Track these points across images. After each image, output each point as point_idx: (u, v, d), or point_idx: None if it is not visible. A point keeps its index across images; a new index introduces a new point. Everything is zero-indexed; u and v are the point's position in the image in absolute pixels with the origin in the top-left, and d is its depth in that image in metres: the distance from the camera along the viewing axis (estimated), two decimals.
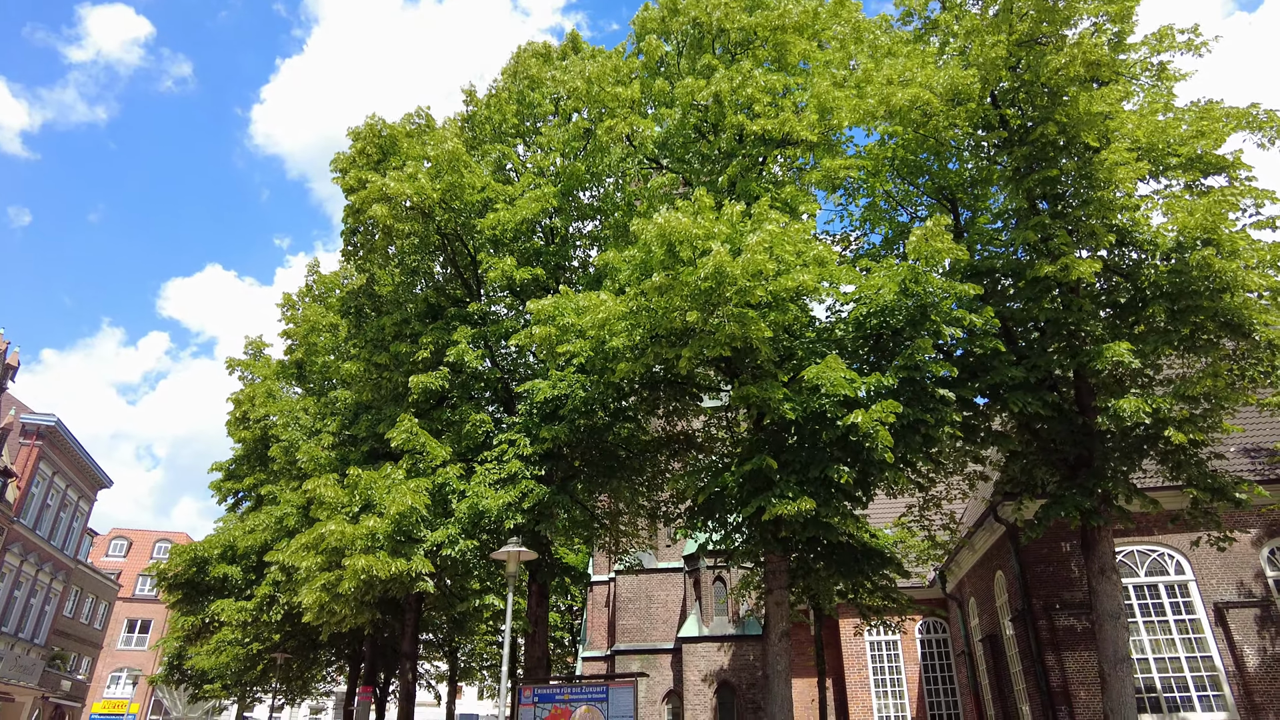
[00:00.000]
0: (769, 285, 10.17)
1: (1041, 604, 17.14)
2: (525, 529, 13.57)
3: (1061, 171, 12.00)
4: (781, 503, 10.73)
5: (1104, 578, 12.90)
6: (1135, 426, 12.38)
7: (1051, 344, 13.19)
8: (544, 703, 13.62)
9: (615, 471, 14.68)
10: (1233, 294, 11.14)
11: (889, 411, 10.46)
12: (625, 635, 27.49)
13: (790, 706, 13.36)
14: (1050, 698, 16.43)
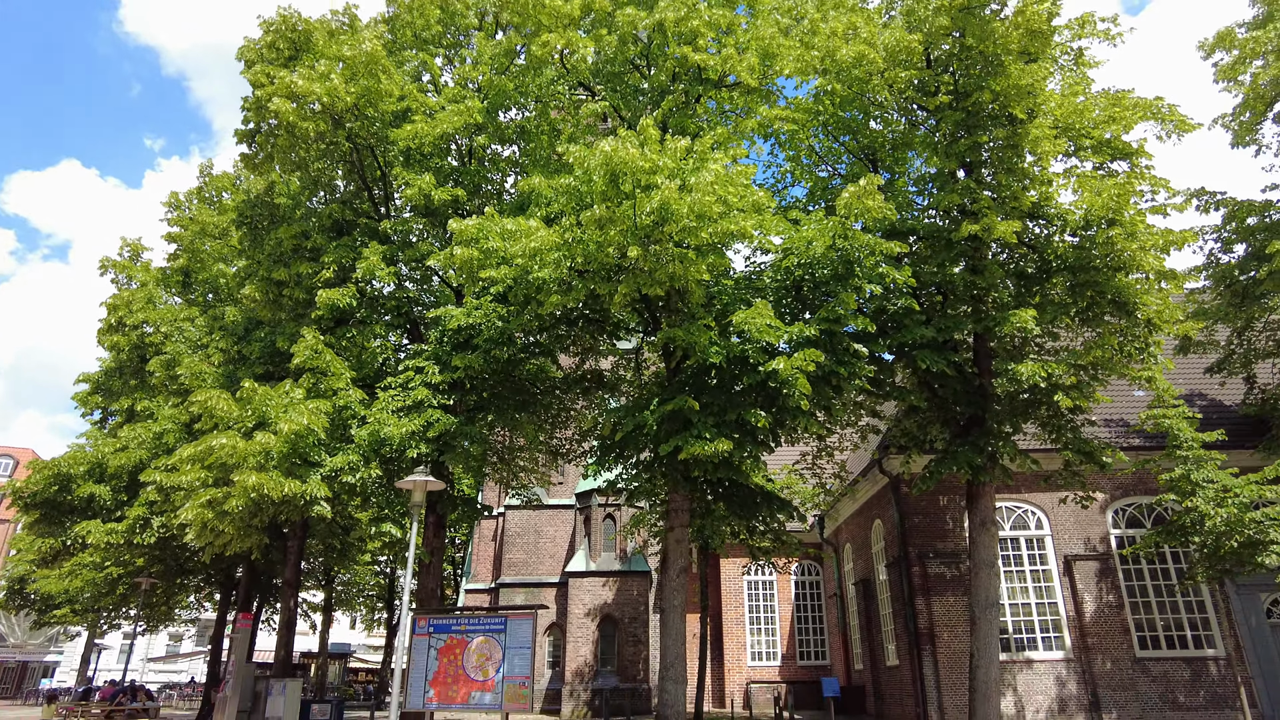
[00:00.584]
0: (712, 228, 10.05)
1: (916, 552, 18.28)
2: (429, 459, 13.16)
3: (990, 139, 12.38)
4: (699, 443, 10.81)
5: (984, 530, 13.84)
6: (1027, 390, 13.19)
7: (956, 307, 13.78)
8: (439, 633, 13.44)
9: (525, 406, 14.41)
10: (1127, 272, 11.93)
11: (810, 360, 10.66)
12: (511, 569, 27.54)
13: (683, 639, 13.73)
14: (917, 638, 17.66)
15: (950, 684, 17.16)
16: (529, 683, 12.90)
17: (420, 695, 12.98)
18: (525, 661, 12.97)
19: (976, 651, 13.39)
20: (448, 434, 13.15)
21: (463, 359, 12.80)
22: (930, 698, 17.12)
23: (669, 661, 13.42)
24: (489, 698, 12.75)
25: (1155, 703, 16.95)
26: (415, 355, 13.87)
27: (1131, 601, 17.88)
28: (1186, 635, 17.55)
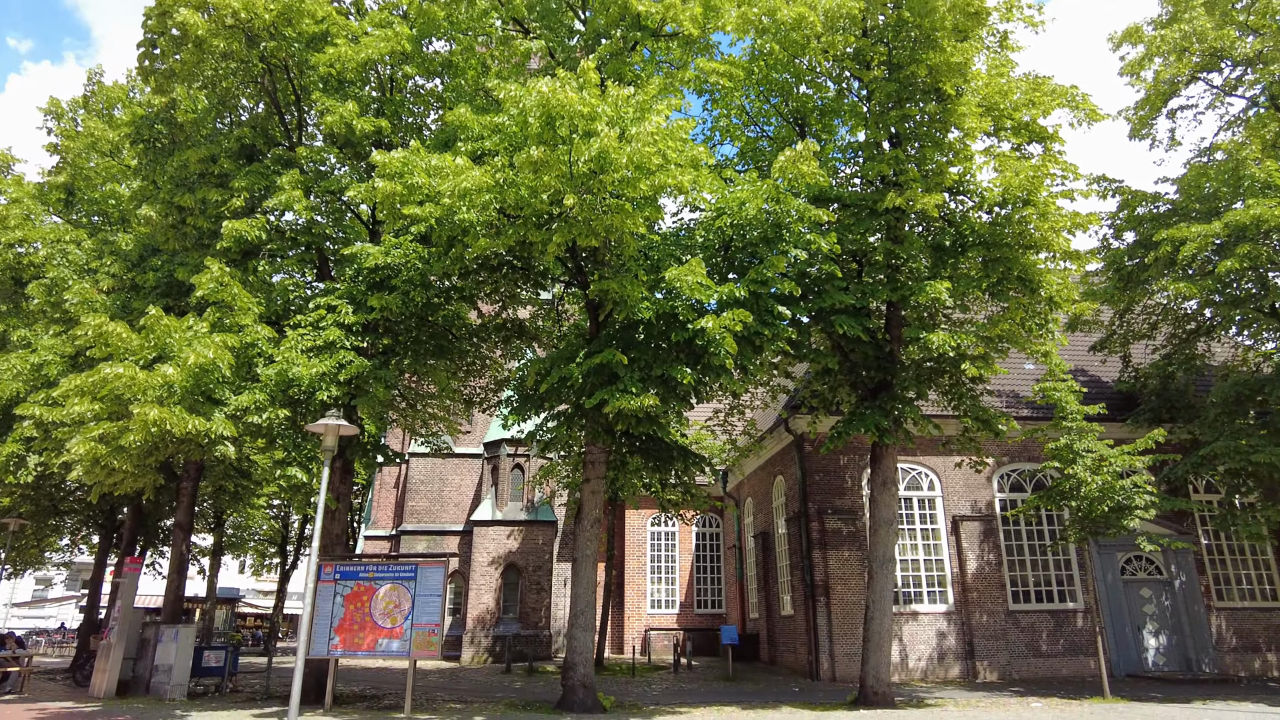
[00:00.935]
0: (650, 180, 9.93)
1: (816, 508, 19.05)
2: (340, 403, 12.68)
3: (920, 113, 12.67)
4: (626, 397, 10.83)
5: (885, 489, 14.51)
6: (935, 359, 13.80)
7: (873, 275, 14.21)
8: (346, 579, 13.12)
9: (441, 352, 14.03)
10: (1036, 251, 12.56)
11: (738, 321, 10.79)
12: (414, 516, 27.14)
13: (594, 587, 13.92)
14: (813, 589, 18.51)
15: (841, 633, 18.12)
16: (438, 630, 12.80)
17: (325, 642, 12.69)
18: (435, 609, 12.84)
19: (872, 603, 14.14)
20: (360, 377, 12.69)
21: (380, 300, 12.31)
22: (823, 645, 18.04)
23: (580, 609, 13.60)
24: (397, 645, 12.60)
25: (1022, 651, 18.42)
26: (327, 294, 13.24)
27: (1009, 560, 19.25)
28: (1053, 590, 19.08)
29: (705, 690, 16.19)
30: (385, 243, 12.95)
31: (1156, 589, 19.16)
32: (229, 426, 11.00)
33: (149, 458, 10.98)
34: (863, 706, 13.36)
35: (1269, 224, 13.57)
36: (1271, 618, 19.28)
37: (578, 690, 13.08)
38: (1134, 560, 19.26)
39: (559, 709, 12.90)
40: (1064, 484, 15.05)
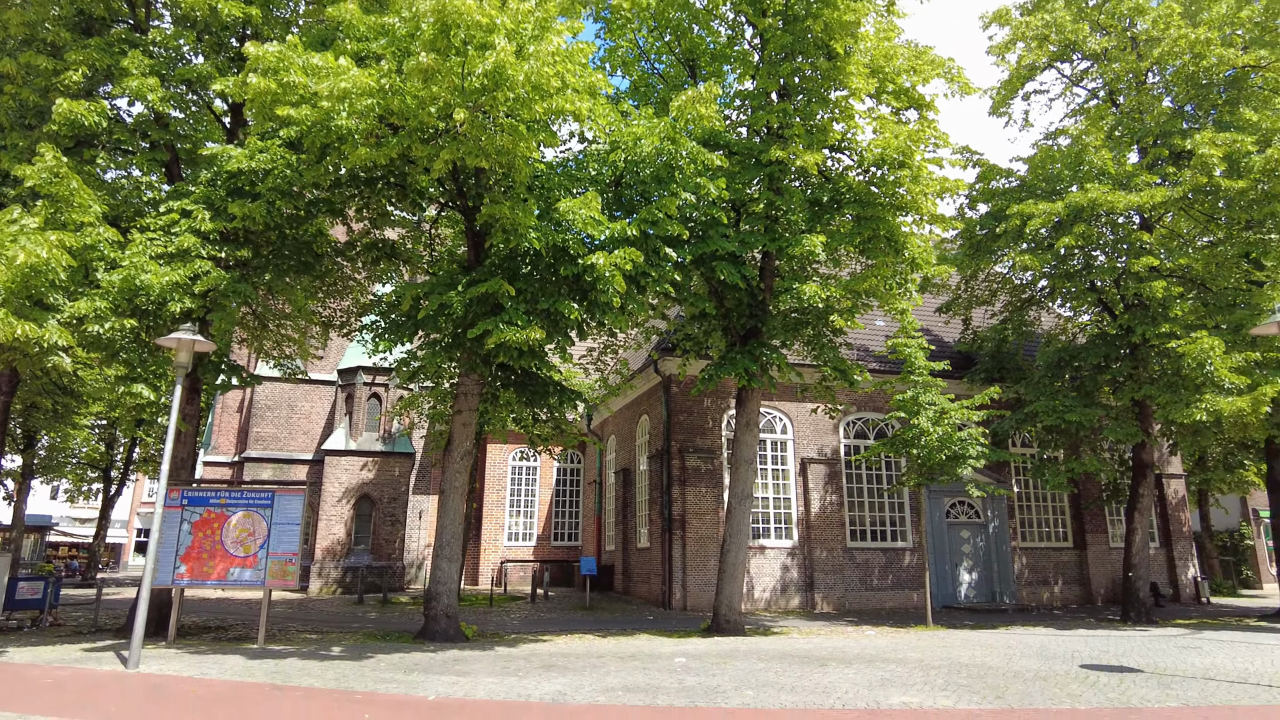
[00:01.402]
0: (547, 103, 9.60)
1: (679, 446, 19.67)
2: (194, 316, 11.66)
3: (812, 67, 12.92)
4: (511, 330, 10.64)
5: (748, 430, 15.17)
6: (804, 309, 14.41)
7: (753, 224, 14.56)
8: (194, 506, 12.26)
9: (305, 269, 13.14)
10: (906, 213, 13.28)
11: (629, 259, 10.79)
12: (259, 443, 25.69)
13: (461, 519, 13.82)
14: (670, 523, 19.22)
15: (695, 565, 18.99)
16: (296, 559, 12.31)
17: (170, 571, 11.89)
18: (293, 538, 12.31)
19: (729, 537, 14.88)
20: (218, 291, 11.71)
21: (242, 208, 11.31)
22: (676, 576, 18.86)
23: (445, 540, 13.47)
24: (250, 574, 12.00)
25: (856, 584, 20.06)
26: (180, 196, 12.03)
27: (849, 501, 20.75)
28: (886, 530, 20.80)
29: (564, 619, 16.58)
30: (250, 146, 11.86)
31: (974, 530, 21.31)
32: (65, 335, 9.87)
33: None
34: (715, 634, 14.13)
35: (1102, 207, 14.99)
36: (1060, 556, 21.99)
37: (440, 620, 13.04)
38: (957, 505, 21.29)
39: (421, 638, 12.82)
40: (907, 433, 16.28)
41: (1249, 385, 14.24)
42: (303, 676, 9.01)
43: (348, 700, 7.78)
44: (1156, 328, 15.10)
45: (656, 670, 9.76)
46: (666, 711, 7.34)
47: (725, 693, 8.27)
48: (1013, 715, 7.16)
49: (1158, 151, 15.79)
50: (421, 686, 8.48)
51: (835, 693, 8.31)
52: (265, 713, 7.12)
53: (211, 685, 8.48)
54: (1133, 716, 7.18)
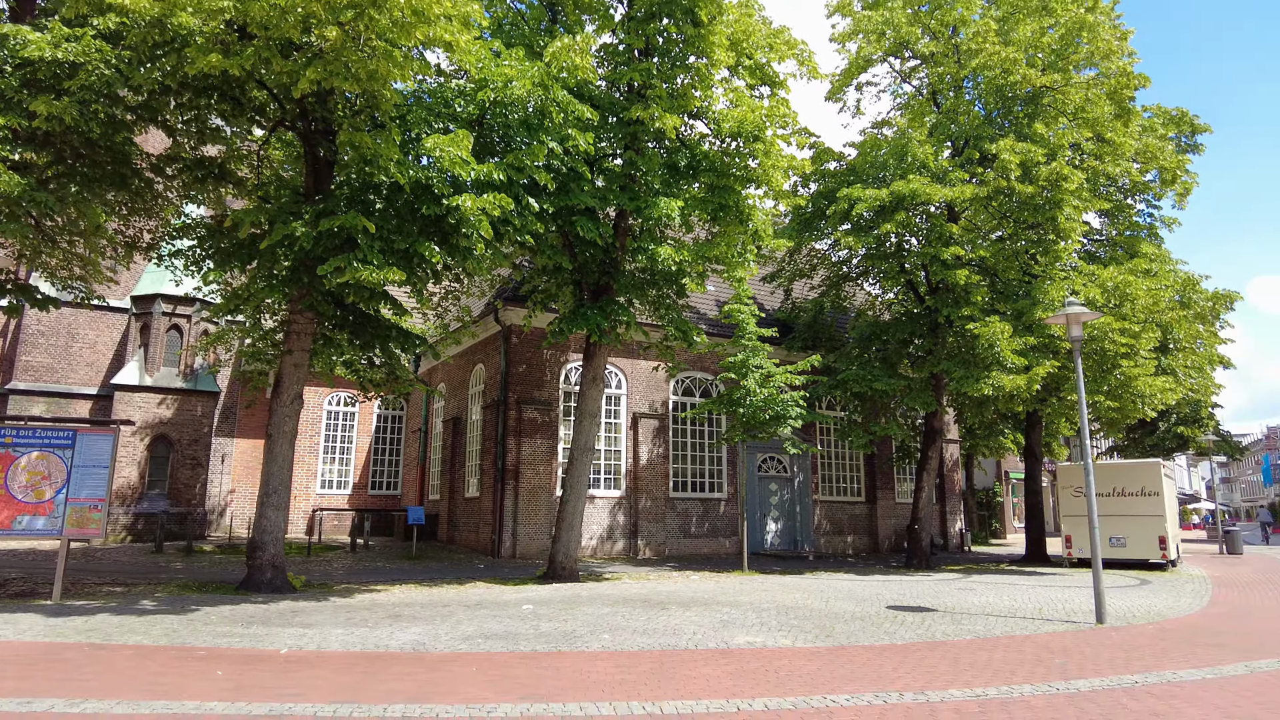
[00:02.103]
0: (426, 29, 9.09)
1: (516, 397, 19.66)
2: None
3: (678, 30, 13.10)
4: (367, 269, 10.12)
5: (594, 385, 15.47)
6: (655, 270, 14.79)
7: (611, 182, 14.66)
8: None
9: (120, 182, 11.61)
10: (756, 185, 13.94)
11: (497, 205, 10.59)
12: (30, 374, 22.55)
13: (290, 466, 13.11)
14: (504, 473, 19.25)
15: (526, 515, 19.21)
16: (102, 505, 11.09)
17: None
18: (100, 483, 11.05)
19: (569, 487, 15.19)
20: (11, 198, 10.13)
21: (48, 105, 9.79)
22: (507, 525, 19.00)
23: (273, 487, 12.73)
24: (43, 522, 10.67)
25: (675, 532, 21.19)
26: None
27: (673, 454, 21.77)
28: (705, 482, 22.08)
29: (392, 569, 16.22)
30: (54, 31, 10.24)
31: (781, 484, 23.13)
32: None
33: None
34: (552, 580, 14.47)
35: (920, 198, 16.57)
36: (854, 509, 24.45)
37: (267, 570, 12.37)
38: (768, 460, 22.98)
39: (245, 589, 12.10)
40: (735, 393, 17.31)
41: (1025, 366, 16.50)
42: (125, 634, 8.28)
43: (189, 656, 7.28)
44: (958, 310, 17.02)
45: (507, 617, 9.91)
46: (535, 657, 7.54)
47: (582, 637, 8.60)
48: (846, 652, 8.05)
49: (970, 153, 17.63)
50: (266, 639, 8.09)
51: (684, 634, 8.90)
52: (98, 674, 6.52)
53: (14, 647, 7.59)
54: (941, 648, 8.32)
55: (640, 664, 7.29)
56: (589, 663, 7.31)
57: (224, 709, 5.47)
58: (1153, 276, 18.69)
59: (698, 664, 7.32)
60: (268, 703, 5.64)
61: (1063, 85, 17.58)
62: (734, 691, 6.24)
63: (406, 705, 5.65)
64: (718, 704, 5.84)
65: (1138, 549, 18.09)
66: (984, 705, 5.97)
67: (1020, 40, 17.55)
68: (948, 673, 7.08)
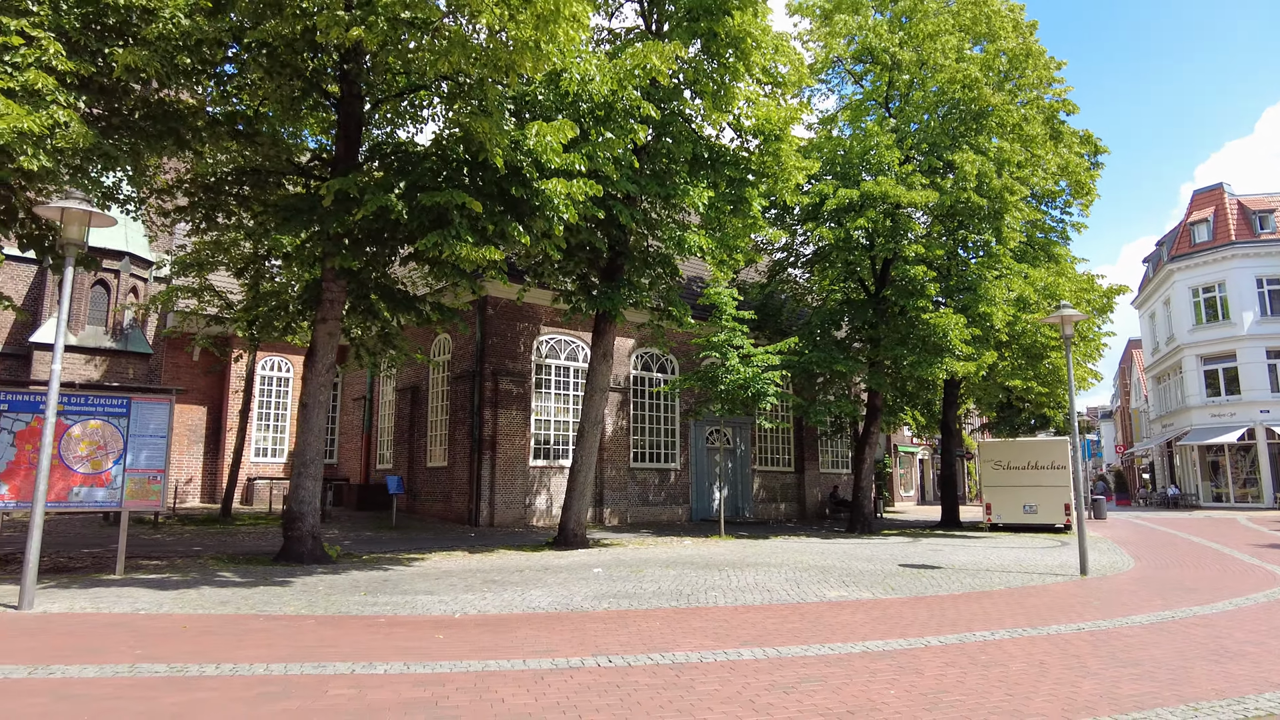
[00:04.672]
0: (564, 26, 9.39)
1: (491, 369, 19.87)
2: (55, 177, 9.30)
3: (725, 30, 13.82)
4: (465, 245, 10.34)
5: (605, 360, 16.12)
6: (653, 254, 15.67)
7: (643, 170, 15.24)
8: (17, 412, 9.85)
9: (175, 138, 10.93)
10: (775, 180, 15.00)
11: (584, 190, 11.07)
12: None
13: (324, 435, 13.07)
14: (480, 444, 19.49)
15: (503, 485, 19.59)
16: (161, 476, 10.66)
17: None
18: (158, 452, 10.62)
19: (579, 458, 15.83)
20: (79, 149, 9.50)
21: (133, 55, 9.25)
22: (484, 495, 19.30)
23: (309, 458, 12.65)
24: (102, 494, 10.14)
25: (637, 500, 22.21)
26: (19, 13, 9.39)
27: (634, 426, 22.70)
28: (661, 453, 23.19)
29: (387, 539, 16.20)
30: None
31: (725, 455, 24.64)
32: None
33: None
34: (565, 546, 15.12)
35: (891, 199, 18.27)
36: (785, 479, 26.42)
37: (306, 540, 12.31)
38: (713, 433, 24.40)
39: (284, 560, 12.02)
40: (717, 370, 18.47)
41: (971, 354, 18.71)
42: (261, 605, 8.35)
43: (362, 623, 7.57)
44: (914, 301, 18.95)
45: (595, 580, 10.61)
46: (697, 612, 8.38)
47: (696, 595, 9.49)
48: (927, 601, 9.43)
49: (930, 161, 19.53)
50: (405, 606, 8.44)
51: (774, 590, 9.99)
52: (276, 640, 6.75)
53: (159, 620, 7.55)
54: (994, 597, 9.90)
55: (787, 615, 8.32)
56: (753, 615, 8.24)
57: (556, 663, 6.01)
58: (1066, 277, 21.56)
59: (832, 614, 8.44)
60: (578, 656, 6.22)
61: (1009, 104, 19.78)
62: (889, 633, 7.44)
63: (702, 653, 6.40)
64: (903, 642, 6.98)
65: (1047, 515, 21.08)
66: (1112, 632, 7.47)
67: (977, 60, 19.56)
68: (1033, 612, 8.59)
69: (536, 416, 20.67)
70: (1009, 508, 21.86)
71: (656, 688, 5.52)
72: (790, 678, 5.86)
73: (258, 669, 5.76)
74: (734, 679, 5.80)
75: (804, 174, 15.04)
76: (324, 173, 13.51)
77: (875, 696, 5.43)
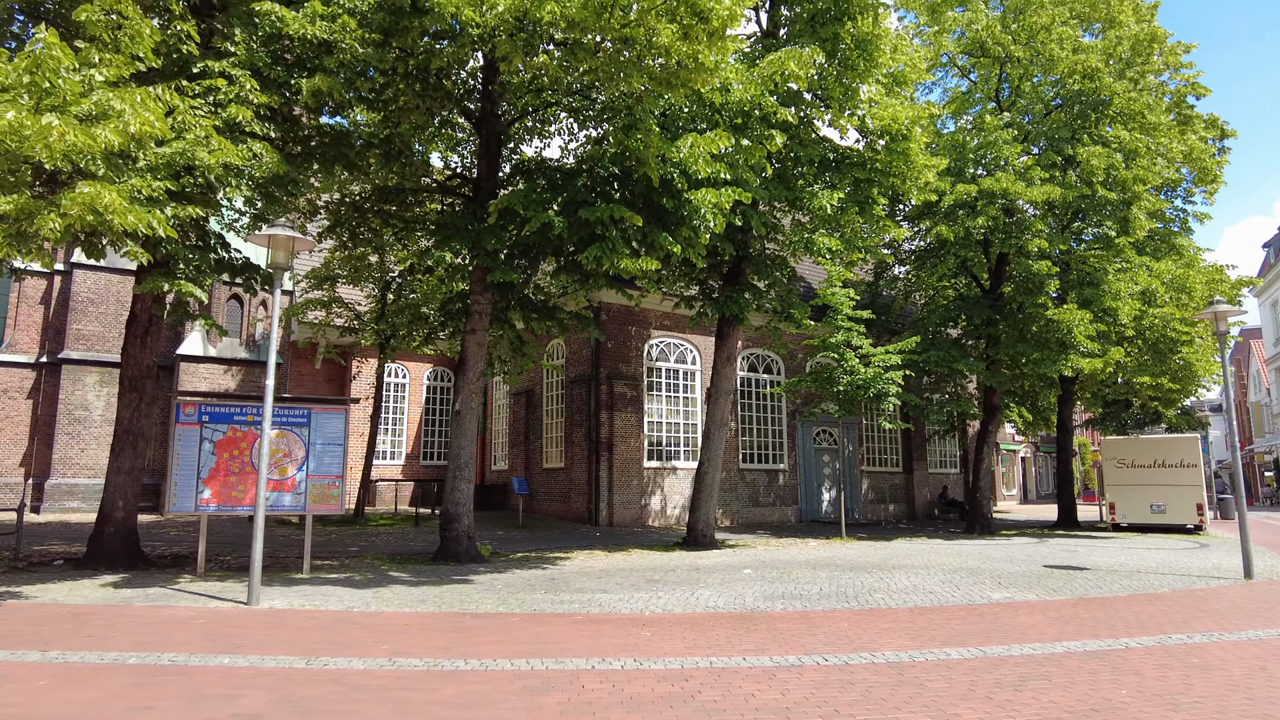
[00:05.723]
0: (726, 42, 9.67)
1: (606, 373, 20.33)
2: (253, 206, 10.09)
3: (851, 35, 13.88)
4: (625, 258, 10.72)
5: (728, 363, 16.37)
6: (770, 258, 15.81)
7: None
8: (216, 423, 10.69)
9: (345, 160, 11.65)
10: (902, 179, 14.96)
11: (731, 199, 11.31)
12: (81, 343, 21.72)
13: (475, 440, 13.65)
14: (598, 446, 19.96)
15: (620, 485, 20.02)
16: (339, 482, 11.39)
17: (192, 497, 10.42)
18: (336, 459, 11.35)
19: (705, 460, 16.12)
20: (269, 179, 10.23)
21: (324, 82, 9.90)
22: (603, 496, 19.76)
23: (462, 461, 13.27)
24: (289, 499, 10.92)
25: (746, 501, 22.37)
26: (221, 55, 10.18)
27: (742, 427, 22.87)
28: (769, 454, 23.29)
29: (517, 537, 16.77)
30: (310, 8, 10.28)
31: (833, 456, 24.58)
32: (164, 224, 8.13)
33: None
34: (695, 547, 15.40)
35: (1013, 197, 17.96)
36: (893, 480, 26.18)
37: (462, 540, 12.90)
38: (821, 434, 24.36)
39: (441, 559, 12.64)
40: (836, 371, 18.47)
41: (1098, 350, 18.25)
42: (438, 603, 8.87)
43: (592, 621, 7.97)
44: (1034, 298, 18.58)
45: (751, 581, 10.84)
46: (880, 613, 8.55)
47: (861, 596, 9.64)
48: (1093, 604, 9.36)
49: (1050, 156, 19.09)
50: (610, 605, 8.81)
51: (934, 593, 10.04)
52: (500, 636, 7.18)
53: (378, 618, 8.10)
54: (1162, 600, 9.74)
55: (965, 616, 8.39)
56: (933, 615, 8.35)
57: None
58: (1194, 269, 20.79)
59: (1009, 615, 8.47)
60: (793, 654, 6.49)
61: (1130, 93, 19.19)
62: (1078, 633, 7.46)
63: (910, 652, 6.59)
64: (1101, 643, 7.00)
65: (1177, 515, 20.38)
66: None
67: (1096, 49, 19.05)
68: (1218, 615, 8.45)
69: (649, 419, 21.03)
70: (1134, 507, 21.20)
71: (889, 685, 5.72)
72: (1011, 676, 5.98)
73: (502, 664, 6.19)
74: (956, 677, 5.95)
75: (933, 172, 14.94)
76: (463, 190, 14.14)
77: (1108, 696, 5.51)
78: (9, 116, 7.02)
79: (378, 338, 19.95)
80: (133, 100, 7.79)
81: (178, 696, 5.24)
